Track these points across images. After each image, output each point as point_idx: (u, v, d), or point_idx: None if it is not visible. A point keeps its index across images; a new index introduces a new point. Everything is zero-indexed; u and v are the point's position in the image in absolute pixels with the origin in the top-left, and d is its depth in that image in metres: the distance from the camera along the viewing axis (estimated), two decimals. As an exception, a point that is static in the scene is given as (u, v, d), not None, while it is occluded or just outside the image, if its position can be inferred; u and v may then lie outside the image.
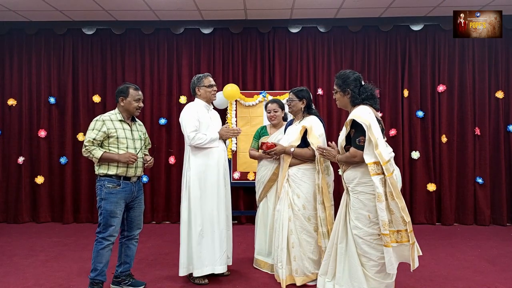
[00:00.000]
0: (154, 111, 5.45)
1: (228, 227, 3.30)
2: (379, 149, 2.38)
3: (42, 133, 5.38)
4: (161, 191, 5.38)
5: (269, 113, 3.66)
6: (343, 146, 2.64)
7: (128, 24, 5.36)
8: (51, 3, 4.72)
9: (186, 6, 4.83)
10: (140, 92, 3.05)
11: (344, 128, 2.61)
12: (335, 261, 2.70)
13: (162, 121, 5.40)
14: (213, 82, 3.31)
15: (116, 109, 3.04)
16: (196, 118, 3.17)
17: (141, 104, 3.06)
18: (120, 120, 2.98)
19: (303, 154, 3.16)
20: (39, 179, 5.35)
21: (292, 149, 3.18)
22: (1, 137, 5.46)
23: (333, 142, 2.83)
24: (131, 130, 3.02)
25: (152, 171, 5.41)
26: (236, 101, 5.20)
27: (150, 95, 5.44)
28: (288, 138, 3.27)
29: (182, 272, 3.14)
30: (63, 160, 5.37)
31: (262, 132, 3.83)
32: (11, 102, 5.42)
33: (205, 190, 3.15)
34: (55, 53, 5.46)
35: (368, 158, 2.40)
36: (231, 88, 5.00)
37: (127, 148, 2.93)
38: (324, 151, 2.80)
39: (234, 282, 3.24)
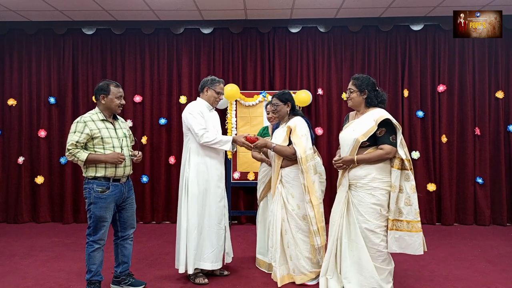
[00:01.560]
0: (154, 111, 5.45)
1: (226, 225, 3.31)
2: (406, 148, 2.69)
3: (42, 133, 5.38)
4: (161, 191, 5.38)
5: (268, 114, 3.69)
6: (360, 143, 2.67)
7: (128, 24, 5.36)
8: (51, 3, 4.72)
9: (186, 6, 4.83)
10: (121, 89, 2.97)
11: (365, 126, 2.68)
12: (335, 258, 2.80)
13: (162, 121, 5.40)
14: (223, 91, 3.34)
15: (96, 108, 2.94)
16: (202, 116, 3.20)
17: (123, 102, 2.98)
18: (102, 120, 2.89)
19: (283, 151, 3.16)
20: (39, 179, 5.35)
21: (273, 145, 3.19)
22: (1, 137, 5.46)
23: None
24: (115, 129, 2.95)
25: (152, 171, 5.41)
26: (236, 101, 5.20)
27: (150, 95, 5.44)
28: (275, 141, 3.27)
29: (182, 269, 3.15)
30: (63, 160, 5.37)
31: (264, 132, 3.87)
32: (11, 102, 5.42)
33: (204, 189, 3.18)
34: (55, 53, 5.46)
35: (402, 154, 2.64)
36: (231, 88, 5.01)
37: (113, 147, 2.86)
38: (338, 162, 2.77)
39: (234, 282, 3.24)
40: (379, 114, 2.70)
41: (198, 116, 3.17)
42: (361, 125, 2.73)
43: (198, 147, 3.20)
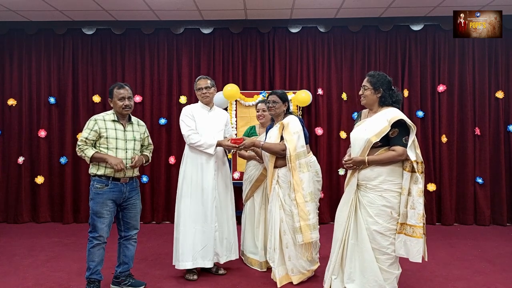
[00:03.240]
0: (154, 111, 5.44)
1: (219, 225, 3.32)
2: (419, 149, 2.61)
3: (42, 133, 5.38)
4: (161, 191, 5.38)
5: (257, 112, 3.72)
6: (372, 144, 2.60)
7: (128, 24, 5.36)
8: (51, 3, 4.72)
9: (186, 6, 4.83)
10: (122, 91, 2.97)
11: (378, 126, 2.60)
12: (341, 258, 2.78)
13: (162, 121, 5.40)
14: (201, 85, 3.34)
15: (112, 109, 3.06)
16: (191, 118, 3.30)
17: (127, 103, 2.98)
18: (114, 120, 2.98)
19: (272, 147, 3.16)
20: (39, 179, 5.35)
21: (261, 143, 3.19)
22: (1, 137, 5.45)
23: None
24: (125, 131, 3.00)
25: (152, 171, 5.41)
26: (236, 101, 5.20)
27: (150, 95, 5.44)
28: (269, 140, 3.27)
29: (174, 262, 3.29)
30: (63, 160, 5.37)
31: (251, 132, 3.88)
32: (11, 102, 5.42)
33: (192, 188, 3.27)
34: (55, 53, 5.46)
35: (411, 155, 2.56)
36: (231, 88, 5.01)
37: (116, 148, 2.92)
38: (348, 162, 2.69)
39: (234, 282, 3.24)
40: (392, 114, 2.61)
41: (185, 118, 3.31)
42: (373, 125, 2.64)
43: (191, 148, 3.31)
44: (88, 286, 2.90)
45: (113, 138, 2.92)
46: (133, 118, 3.15)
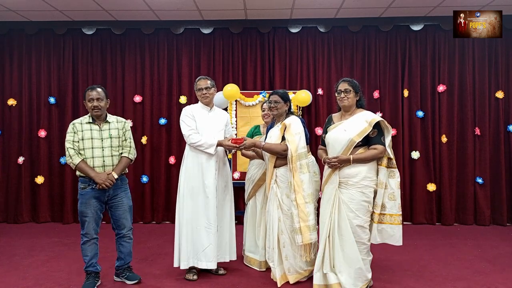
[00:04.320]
0: (154, 111, 5.45)
1: (219, 225, 3.33)
2: (391, 148, 2.91)
3: (42, 133, 5.38)
4: (161, 191, 5.38)
5: (263, 111, 3.71)
6: (355, 143, 2.82)
7: (128, 24, 5.36)
8: (51, 3, 4.72)
9: (186, 6, 4.83)
10: (91, 92, 3.04)
11: (358, 127, 2.84)
12: (329, 253, 2.91)
13: (162, 121, 5.40)
14: (201, 86, 3.34)
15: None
16: (191, 118, 3.32)
17: (96, 104, 3.04)
18: (89, 122, 3.07)
19: (273, 148, 3.15)
20: (39, 179, 5.35)
21: (262, 144, 3.19)
22: (1, 137, 5.46)
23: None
24: (100, 130, 3.07)
25: (152, 171, 5.42)
26: (236, 101, 5.20)
27: (150, 95, 5.44)
28: (269, 140, 3.26)
29: (175, 264, 3.28)
30: (63, 160, 5.37)
31: (255, 131, 3.88)
32: (11, 102, 5.42)
33: (192, 188, 3.27)
34: (55, 53, 5.46)
35: (389, 152, 2.87)
36: (231, 88, 5.01)
37: (92, 148, 3.01)
38: (333, 161, 2.85)
39: (234, 282, 3.24)
40: (371, 116, 2.87)
41: (186, 118, 3.33)
42: (353, 126, 2.86)
43: (191, 148, 3.31)
44: (86, 277, 3.05)
45: (88, 139, 3.01)
46: (111, 117, 3.18)
